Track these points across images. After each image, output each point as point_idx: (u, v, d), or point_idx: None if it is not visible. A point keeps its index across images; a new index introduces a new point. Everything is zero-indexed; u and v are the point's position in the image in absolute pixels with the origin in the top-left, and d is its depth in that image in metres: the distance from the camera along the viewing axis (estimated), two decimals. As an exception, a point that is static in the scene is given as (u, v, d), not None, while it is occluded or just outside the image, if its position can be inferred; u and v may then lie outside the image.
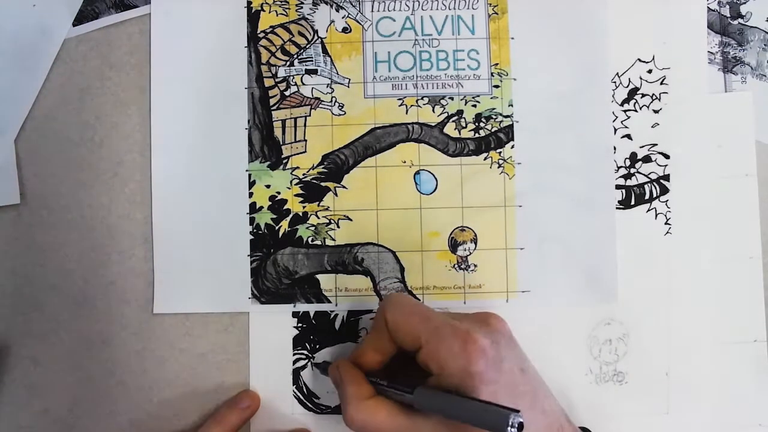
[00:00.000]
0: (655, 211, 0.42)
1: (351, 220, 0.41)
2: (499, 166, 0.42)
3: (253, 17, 0.42)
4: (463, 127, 0.42)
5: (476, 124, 0.42)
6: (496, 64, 0.42)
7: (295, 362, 0.41)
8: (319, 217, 0.41)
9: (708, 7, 0.42)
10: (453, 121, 0.42)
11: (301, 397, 0.41)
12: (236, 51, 0.42)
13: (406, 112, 0.42)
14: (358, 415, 0.33)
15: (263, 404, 0.41)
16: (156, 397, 0.41)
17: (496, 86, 0.42)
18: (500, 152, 0.42)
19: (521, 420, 0.26)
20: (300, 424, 0.41)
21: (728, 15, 0.43)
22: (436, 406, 0.31)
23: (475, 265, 0.41)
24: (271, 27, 0.42)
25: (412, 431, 0.31)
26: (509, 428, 0.26)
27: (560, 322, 0.41)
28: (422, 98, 0.42)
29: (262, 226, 0.41)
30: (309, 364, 0.41)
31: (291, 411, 0.41)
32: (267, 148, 0.41)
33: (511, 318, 0.35)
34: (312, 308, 0.41)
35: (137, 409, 0.41)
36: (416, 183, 0.42)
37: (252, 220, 0.41)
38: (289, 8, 0.42)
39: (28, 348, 0.41)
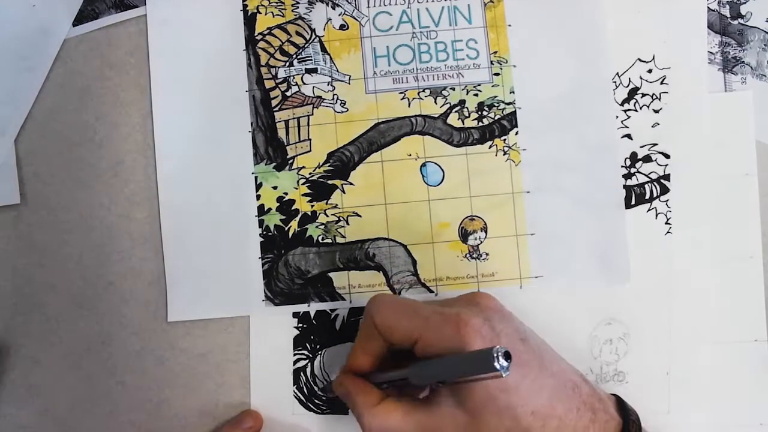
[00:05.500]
0: (655, 210, 0.42)
1: (360, 216, 0.41)
2: (505, 153, 0.42)
3: (249, 20, 0.42)
4: (466, 117, 0.42)
5: (479, 112, 0.42)
6: (495, 52, 0.42)
7: (295, 362, 0.41)
8: (328, 216, 0.41)
9: (708, 7, 0.42)
10: (456, 112, 0.42)
11: (302, 398, 0.41)
12: (235, 54, 0.42)
13: (409, 105, 0.42)
14: (375, 421, 0.32)
15: (264, 404, 0.41)
16: (156, 397, 0.41)
17: (497, 74, 0.42)
18: (505, 139, 0.42)
19: (505, 349, 0.26)
20: (300, 425, 0.41)
21: (728, 15, 0.43)
22: (429, 374, 0.31)
23: (487, 254, 0.41)
24: (268, 29, 0.42)
25: (429, 422, 0.31)
26: (496, 361, 0.26)
27: (561, 321, 0.41)
28: (423, 90, 0.42)
29: (272, 228, 0.41)
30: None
31: (291, 411, 0.41)
32: (272, 149, 0.41)
33: (519, 310, 0.35)
34: (327, 306, 0.41)
35: (137, 409, 0.41)
36: (423, 175, 0.42)
37: (261, 222, 0.41)
38: (285, 9, 0.42)
39: (28, 348, 0.41)
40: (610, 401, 0.33)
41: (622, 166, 0.42)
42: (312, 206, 0.41)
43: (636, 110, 0.42)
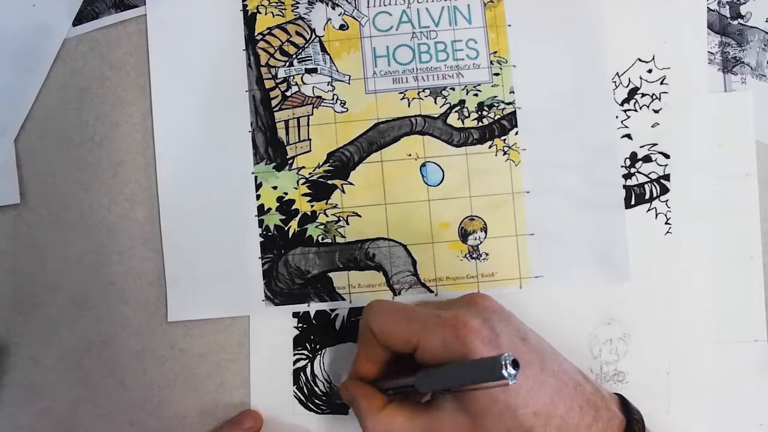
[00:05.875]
0: (655, 210, 0.42)
1: (360, 216, 0.41)
2: (505, 153, 0.42)
3: (249, 20, 0.42)
4: (466, 117, 0.42)
5: (479, 112, 0.42)
6: (495, 52, 0.42)
7: (295, 362, 0.41)
8: (327, 216, 0.41)
9: (708, 7, 0.42)
10: (455, 112, 0.42)
11: (302, 398, 0.41)
12: (235, 54, 0.42)
13: (409, 105, 0.42)
14: (377, 427, 0.32)
15: (264, 404, 0.41)
16: (156, 397, 0.41)
17: (497, 74, 0.42)
18: (504, 139, 0.42)
19: (513, 357, 0.26)
20: (300, 425, 0.41)
21: (728, 15, 0.43)
22: (436, 381, 0.30)
23: (487, 254, 0.41)
24: (268, 29, 0.42)
25: (432, 426, 0.31)
26: (504, 370, 0.25)
27: (560, 322, 0.41)
28: (423, 90, 0.42)
29: (272, 228, 0.41)
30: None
31: (291, 411, 0.41)
32: (272, 149, 0.41)
33: (519, 310, 0.35)
34: (327, 306, 0.41)
35: (137, 409, 0.41)
36: (423, 175, 0.42)
37: (261, 222, 0.41)
38: (285, 9, 0.42)
39: (28, 348, 0.41)
40: (613, 400, 0.33)
41: (622, 166, 0.42)
42: (312, 206, 0.41)
43: (636, 110, 0.42)
